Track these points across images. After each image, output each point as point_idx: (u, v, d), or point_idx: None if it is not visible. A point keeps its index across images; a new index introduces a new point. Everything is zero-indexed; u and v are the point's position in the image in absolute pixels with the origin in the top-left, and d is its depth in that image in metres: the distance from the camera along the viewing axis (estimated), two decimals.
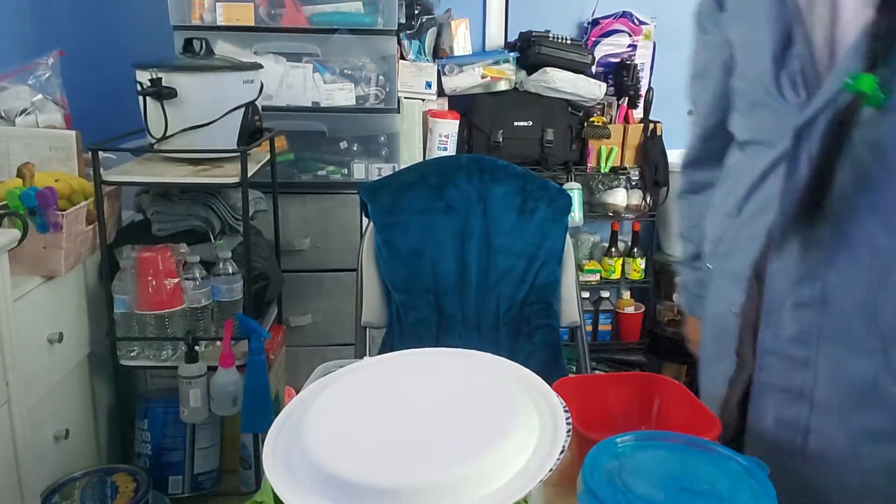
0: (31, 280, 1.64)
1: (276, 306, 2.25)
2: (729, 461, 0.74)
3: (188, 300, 1.89)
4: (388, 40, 2.27)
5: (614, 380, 1.06)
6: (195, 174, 1.83)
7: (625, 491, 0.69)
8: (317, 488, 0.67)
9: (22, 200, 1.59)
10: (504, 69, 2.52)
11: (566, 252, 1.63)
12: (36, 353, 1.65)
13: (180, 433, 2.02)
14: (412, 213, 1.59)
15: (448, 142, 2.48)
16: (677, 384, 1.02)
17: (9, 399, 1.49)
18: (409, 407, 0.76)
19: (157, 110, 1.80)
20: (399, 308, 1.59)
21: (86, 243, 1.82)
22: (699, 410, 0.94)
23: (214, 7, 2.15)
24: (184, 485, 2.02)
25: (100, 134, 1.86)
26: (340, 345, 2.33)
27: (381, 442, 0.70)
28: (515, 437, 0.69)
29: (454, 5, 2.62)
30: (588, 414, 0.94)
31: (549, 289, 1.61)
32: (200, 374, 1.87)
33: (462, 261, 1.61)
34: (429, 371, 0.82)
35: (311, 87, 2.26)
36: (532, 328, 1.62)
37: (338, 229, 2.33)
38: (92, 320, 1.91)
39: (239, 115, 1.86)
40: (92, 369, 1.93)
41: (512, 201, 1.61)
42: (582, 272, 2.71)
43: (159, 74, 1.79)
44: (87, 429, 1.93)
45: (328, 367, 1.11)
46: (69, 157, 1.88)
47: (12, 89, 1.98)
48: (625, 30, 2.64)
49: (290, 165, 2.32)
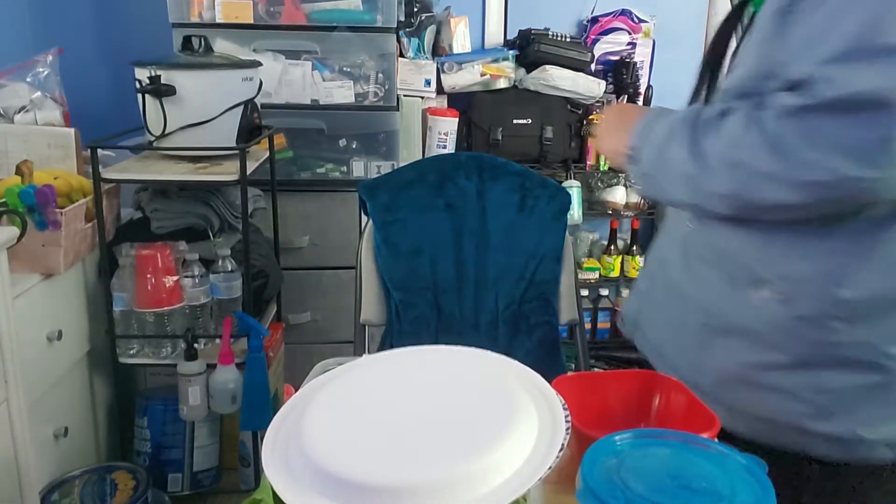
0: (30, 278, 1.64)
1: (276, 304, 2.25)
2: (728, 459, 0.74)
3: (187, 298, 1.89)
4: (388, 38, 2.26)
5: (613, 377, 1.05)
6: (194, 172, 1.83)
7: (624, 489, 0.69)
8: (316, 486, 0.67)
9: (21, 198, 1.59)
10: (503, 67, 2.52)
11: (565, 250, 1.63)
12: (35, 351, 1.65)
13: (179, 431, 2.02)
14: (411, 211, 1.59)
15: (447, 140, 2.48)
16: (676, 382, 1.02)
17: (8, 397, 1.49)
18: (407, 404, 0.76)
19: (156, 108, 1.80)
20: (398, 306, 1.59)
21: (85, 241, 1.81)
22: (698, 408, 0.94)
23: (213, 4, 2.15)
24: (183, 482, 2.02)
25: (99, 131, 1.85)
26: (339, 342, 2.33)
27: (379, 440, 0.70)
28: (514, 434, 0.69)
29: (453, 3, 2.62)
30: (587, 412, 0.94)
31: (548, 286, 1.61)
32: (200, 371, 1.87)
33: (461, 258, 1.61)
34: (427, 369, 0.82)
35: (311, 84, 2.26)
36: (531, 326, 1.62)
37: (337, 227, 2.33)
38: (91, 318, 1.90)
39: (238, 112, 1.86)
40: (91, 367, 1.93)
41: (511, 199, 1.61)
42: (581, 270, 2.71)
43: (158, 72, 1.78)
44: (87, 426, 1.93)
45: (327, 365, 1.11)
46: (68, 155, 1.88)
47: (11, 87, 1.97)
48: (624, 28, 2.63)
49: (290, 163, 2.32)
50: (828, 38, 0.79)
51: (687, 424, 0.89)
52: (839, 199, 0.83)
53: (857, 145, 0.78)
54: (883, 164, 0.78)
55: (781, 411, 0.96)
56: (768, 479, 0.71)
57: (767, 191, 0.85)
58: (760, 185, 0.85)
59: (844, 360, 0.92)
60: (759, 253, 0.94)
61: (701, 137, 0.89)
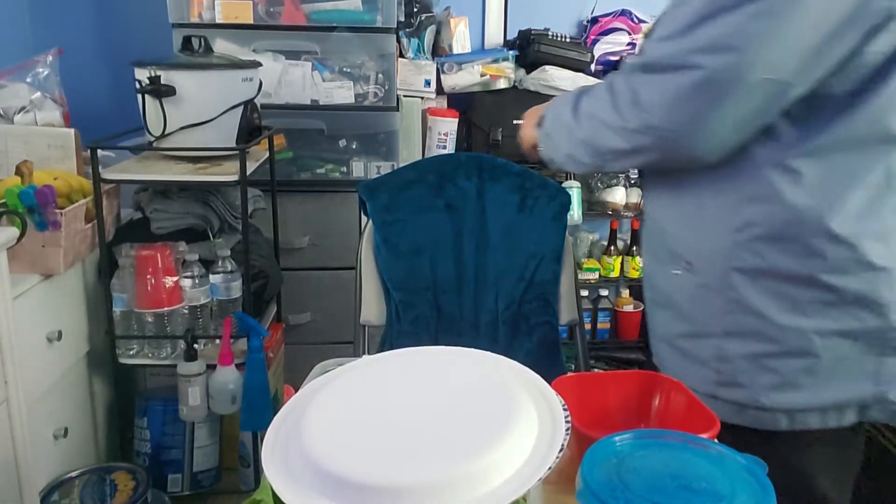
0: (29, 278, 1.64)
1: (275, 304, 2.25)
2: (728, 459, 0.74)
3: (187, 298, 1.89)
4: (388, 38, 2.26)
5: (613, 378, 1.06)
6: (194, 172, 1.83)
7: (623, 489, 0.69)
8: (315, 486, 0.67)
9: (21, 199, 1.59)
10: (503, 67, 2.52)
11: (565, 250, 1.63)
12: (35, 352, 1.64)
13: (179, 431, 2.02)
14: (411, 212, 1.59)
15: (447, 140, 2.48)
16: (676, 382, 1.02)
17: (8, 397, 1.49)
18: (407, 405, 0.76)
19: (155, 108, 1.80)
20: (398, 306, 1.59)
21: (85, 241, 1.81)
22: (698, 409, 0.95)
23: (213, 5, 2.15)
24: (183, 483, 2.02)
25: (98, 132, 1.85)
26: (339, 343, 2.32)
27: (379, 440, 0.70)
28: (514, 435, 0.69)
29: (453, 3, 2.62)
30: (587, 412, 0.94)
31: (547, 287, 1.61)
32: (199, 372, 1.87)
33: (461, 259, 1.61)
34: (427, 369, 0.82)
35: (310, 85, 2.26)
36: (531, 326, 1.62)
37: (337, 227, 2.33)
38: (91, 318, 1.90)
39: (238, 113, 1.86)
40: (91, 367, 1.93)
41: (511, 199, 1.61)
42: (581, 270, 2.71)
43: (158, 72, 1.78)
44: (87, 427, 1.93)
45: (327, 366, 1.12)
46: (68, 156, 1.88)
47: (11, 87, 1.97)
48: (624, 28, 2.63)
49: (289, 163, 2.32)
50: (660, 27, 1.00)
51: (687, 425, 0.89)
52: (653, 147, 0.99)
53: (659, 102, 0.95)
54: (676, 119, 0.94)
55: (697, 378, 1.06)
56: (768, 480, 0.71)
57: (608, 138, 1.02)
58: (603, 132, 1.02)
59: (739, 328, 1.02)
60: (674, 229, 1.08)
61: (582, 97, 1.08)
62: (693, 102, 0.92)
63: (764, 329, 1.00)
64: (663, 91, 0.94)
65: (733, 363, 1.03)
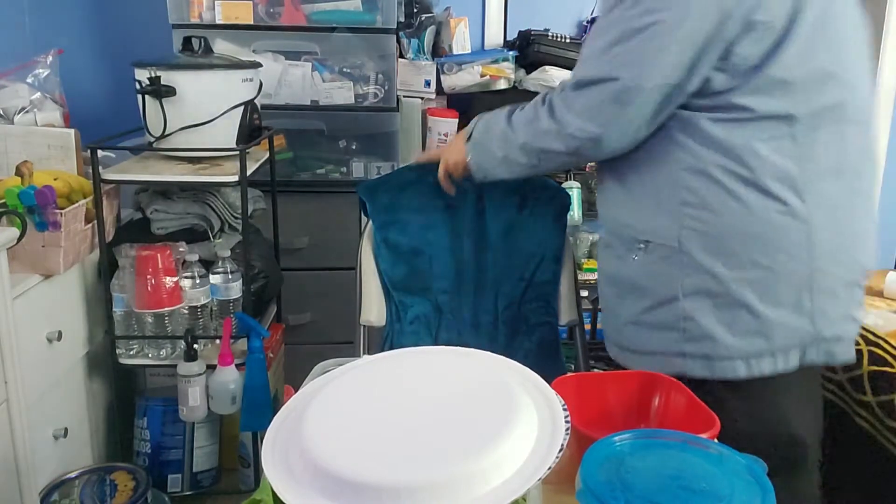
0: (29, 278, 1.64)
1: (275, 305, 2.25)
2: (727, 459, 0.74)
3: (187, 299, 1.89)
4: (388, 39, 2.26)
5: (613, 378, 1.06)
6: (194, 173, 1.83)
7: (623, 489, 0.69)
8: (315, 486, 0.67)
9: (20, 199, 1.59)
10: (503, 68, 2.52)
11: (565, 250, 1.63)
12: (35, 352, 1.64)
13: (179, 431, 2.02)
14: (411, 212, 1.59)
15: (447, 140, 2.47)
16: (676, 382, 1.02)
17: (8, 397, 1.49)
18: (407, 405, 0.76)
19: (155, 109, 1.80)
20: (398, 306, 1.59)
21: (84, 242, 1.81)
22: (698, 409, 0.95)
23: (213, 5, 2.15)
24: (183, 483, 2.02)
25: (99, 132, 1.85)
26: (339, 343, 2.32)
27: (379, 440, 0.70)
28: (514, 435, 0.69)
29: (453, 4, 2.62)
30: (587, 412, 0.95)
31: (547, 287, 1.61)
32: (199, 372, 1.87)
33: (461, 259, 1.61)
34: (427, 369, 0.83)
35: (310, 85, 2.26)
36: (530, 326, 1.62)
37: (337, 228, 2.33)
38: (91, 319, 1.90)
39: (238, 113, 1.86)
40: (91, 368, 1.93)
41: (511, 200, 1.61)
42: (581, 271, 2.70)
43: (158, 73, 1.78)
44: (86, 427, 1.93)
45: (327, 366, 1.12)
46: (68, 156, 1.88)
47: (11, 87, 1.97)
48: None
49: (289, 164, 2.32)
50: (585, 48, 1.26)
51: (687, 424, 0.89)
52: (583, 146, 1.21)
53: (587, 110, 1.19)
54: (601, 121, 1.17)
55: (666, 341, 1.21)
56: (768, 480, 0.71)
57: (546, 141, 1.25)
58: (543, 137, 1.25)
59: (696, 288, 1.17)
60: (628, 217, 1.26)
61: (514, 113, 1.33)
62: (612, 107, 1.16)
63: (714, 286, 1.16)
64: (589, 100, 1.19)
65: (695, 319, 1.18)
